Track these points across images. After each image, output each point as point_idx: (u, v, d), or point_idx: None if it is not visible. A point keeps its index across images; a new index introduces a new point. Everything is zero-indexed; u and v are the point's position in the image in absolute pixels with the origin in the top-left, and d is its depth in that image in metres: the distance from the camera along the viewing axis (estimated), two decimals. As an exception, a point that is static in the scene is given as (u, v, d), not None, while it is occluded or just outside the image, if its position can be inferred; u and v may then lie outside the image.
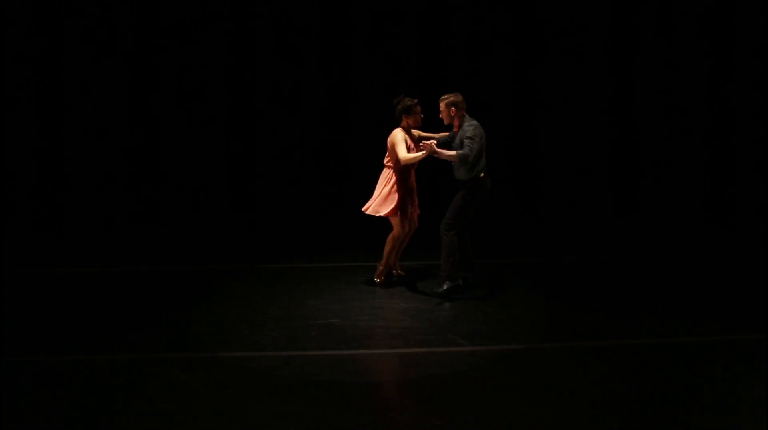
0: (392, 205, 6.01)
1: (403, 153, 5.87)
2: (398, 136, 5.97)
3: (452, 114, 5.86)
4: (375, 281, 6.23)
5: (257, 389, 4.22)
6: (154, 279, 6.65)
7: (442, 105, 5.91)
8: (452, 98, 5.86)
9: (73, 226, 8.59)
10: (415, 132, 6.16)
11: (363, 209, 6.19)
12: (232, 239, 8.27)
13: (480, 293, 6.03)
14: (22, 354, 4.78)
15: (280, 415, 3.89)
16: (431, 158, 5.83)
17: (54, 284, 6.46)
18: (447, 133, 6.16)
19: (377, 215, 6.09)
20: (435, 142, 5.77)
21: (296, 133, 8.87)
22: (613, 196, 9.01)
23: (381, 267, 6.26)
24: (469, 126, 5.79)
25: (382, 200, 6.07)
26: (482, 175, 5.84)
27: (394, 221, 6.11)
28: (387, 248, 6.19)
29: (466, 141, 5.70)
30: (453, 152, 5.69)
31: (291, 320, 5.40)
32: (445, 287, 5.91)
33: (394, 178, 6.05)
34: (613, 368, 4.51)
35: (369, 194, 6.21)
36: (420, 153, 5.78)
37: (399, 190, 6.03)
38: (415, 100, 6.06)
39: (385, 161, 6.17)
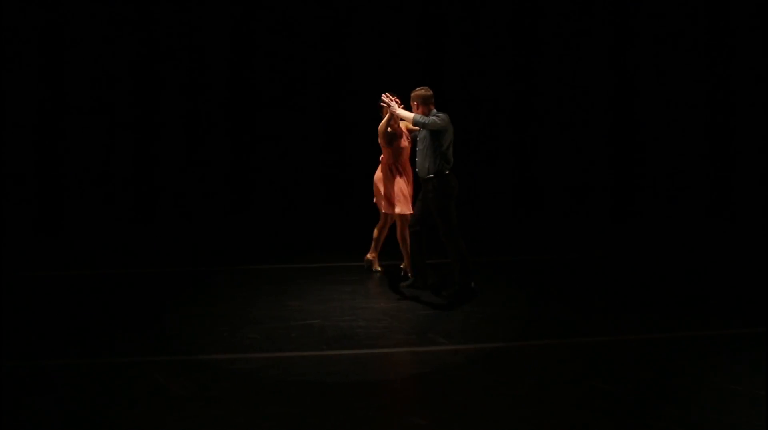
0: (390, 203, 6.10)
1: (381, 128, 6.03)
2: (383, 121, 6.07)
3: (417, 108, 5.83)
4: (407, 276, 6.21)
5: (239, 392, 4.19)
6: (133, 281, 6.59)
7: (412, 97, 5.91)
8: (419, 92, 5.85)
9: (65, 228, 8.51)
10: (404, 125, 6.18)
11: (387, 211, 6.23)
12: (214, 240, 8.22)
13: (459, 291, 6.05)
14: (9, 358, 4.71)
15: (263, 416, 3.87)
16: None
17: (33, 288, 6.37)
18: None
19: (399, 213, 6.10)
20: (395, 100, 5.86)
21: (294, 133, 8.85)
22: (610, 196, 9.08)
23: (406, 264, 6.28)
24: (438, 115, 5.76)
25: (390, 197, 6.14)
26: (447, 171, 5.80)
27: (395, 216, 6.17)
28: (402, 246, 6.22)
29: (433, 116, 5.69)
30: (409, 113, 5.73)
31: (271, 321, 5.38)
32: (454, 289, 5.92)
33: (390, 172, 6.11)
34: (595, 365, 4.55)
35: (362, 193, 6.22)
36: (385, 118, 5.90)
37: (388, 184, 6.08)
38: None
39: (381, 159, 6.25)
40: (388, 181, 6.10)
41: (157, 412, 3.94)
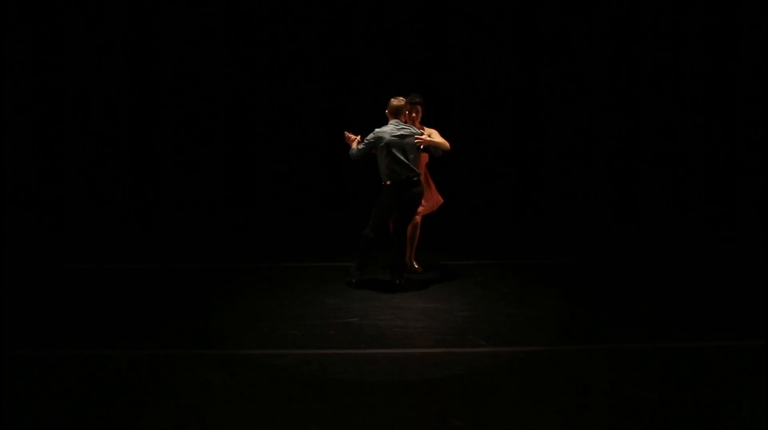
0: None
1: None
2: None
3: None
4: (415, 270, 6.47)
5: (278, 387, 4.25)
6: (177, 276, 6.72)
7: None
8: (391, 103, 6.05)
9: (112, 223, 8.72)
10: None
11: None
12: (256, 237, 8.33)
13: (500, 293, 6.01)
14: (54, 348, 4.86)
15: (300, 412, 3.91)
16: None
17: (84, 281, 6.56)
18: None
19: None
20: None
21: (330, 132, 8.90)
22: (625, 199, 8.91)
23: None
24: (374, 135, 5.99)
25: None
26: (388, 182, 5.95)
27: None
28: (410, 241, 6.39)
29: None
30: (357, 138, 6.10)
31: (311, 318, 5.42)
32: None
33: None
34: (638, 372, 4.46)
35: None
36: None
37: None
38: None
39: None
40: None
41: (198, 404, 4.01)
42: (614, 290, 6.22)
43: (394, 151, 5.90)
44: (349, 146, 6.18)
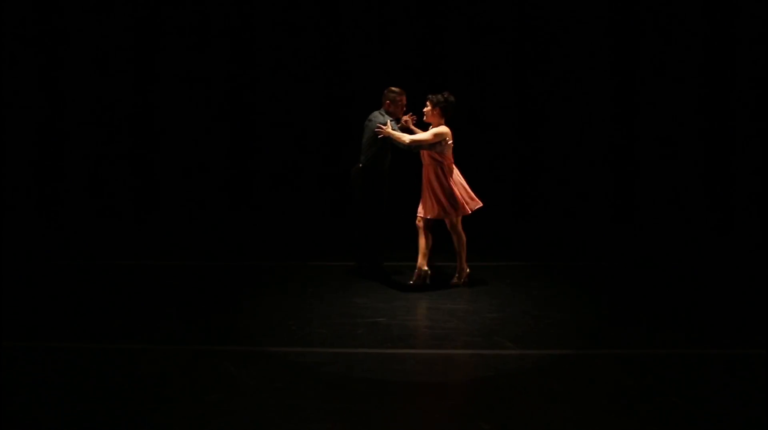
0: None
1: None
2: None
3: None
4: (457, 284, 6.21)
5: (305, 385, 4.26)
6: (205, 274, 6.79)
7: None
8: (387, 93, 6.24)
9: (149, 219, 8.84)
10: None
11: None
12: (284, 236, 8.37)
13: (529, 295, 5.96)
14: (86, 342, 4.95)
15: (325, 411, 3.92)
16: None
17: (118, 277, 6.67)
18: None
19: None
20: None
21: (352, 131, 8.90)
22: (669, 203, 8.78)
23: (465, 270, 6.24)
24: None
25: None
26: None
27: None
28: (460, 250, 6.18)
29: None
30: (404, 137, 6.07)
31: (338, 317, 5.44)
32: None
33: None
34: (667, 377, 4.38)
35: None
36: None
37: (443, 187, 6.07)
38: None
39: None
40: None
41: (226, 400, 4.05)
42: (644, 294, 6.12)
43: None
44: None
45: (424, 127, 6.22)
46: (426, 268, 6.13)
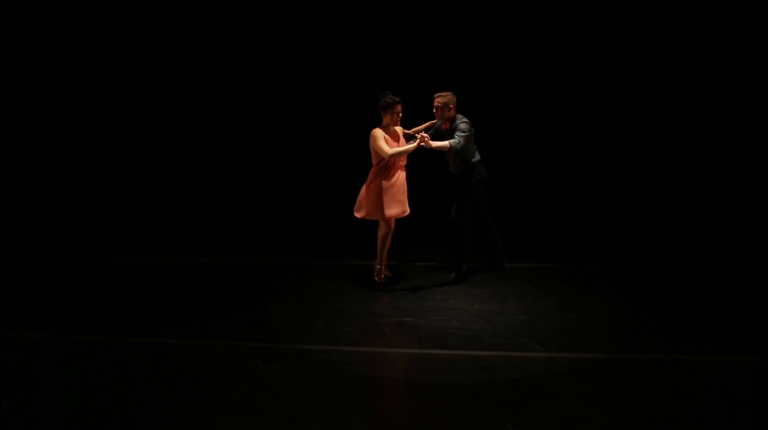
0: (370, 207, 6.02)
1: (386, 149, 5.92)
2: (376, 134, 5.97)
3: (447, 112, 6.10)
4: (375, 281, 6.26)
5: (331, 382, 4.27)
6: (233, 271, 6.84)
7: (439, 101, 6.10)
8: (450, 97, 6.12)
9: (173, 215, 8.94)
10: (398, 129, 6.15)
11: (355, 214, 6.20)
12: (311, 235, 8.40)
13: (557, 298, 5.89)
14: (118, 335, 5.02)
15: (350, 409, 3.92)
16: (420, 151, 6.03)
17: (139, 273, 6.76)
18: (432, 122, 6.36)
19: (363, 217, 6.13)
20: (428, 135, 5.99)
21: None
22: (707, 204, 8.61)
23: (378, 266, 6.29)
24: (462, 122, 6.06)
25: (361, 201, 6.10)
26: (474, 160, 6.14)
27: (380, 220, 6.16)
28: (378, 247, 6.25)
29: (458, 133, 6.00)
30: (444, 143, 5.96)
31: (365, 316, 5.44)
32: (452, 276, 6.25)
33: (372, 179, 6.06)
34: (697, 384, 4.30)
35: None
36: (409, 145, 5.96)
37: (375, 190, 6.00)
38: (397, 99, 6.02)
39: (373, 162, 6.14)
40: (370, 184, 6.06)
41: (253, 396, 4.07)
42: (673, 297, 6.01)
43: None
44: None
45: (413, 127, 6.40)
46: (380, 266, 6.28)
